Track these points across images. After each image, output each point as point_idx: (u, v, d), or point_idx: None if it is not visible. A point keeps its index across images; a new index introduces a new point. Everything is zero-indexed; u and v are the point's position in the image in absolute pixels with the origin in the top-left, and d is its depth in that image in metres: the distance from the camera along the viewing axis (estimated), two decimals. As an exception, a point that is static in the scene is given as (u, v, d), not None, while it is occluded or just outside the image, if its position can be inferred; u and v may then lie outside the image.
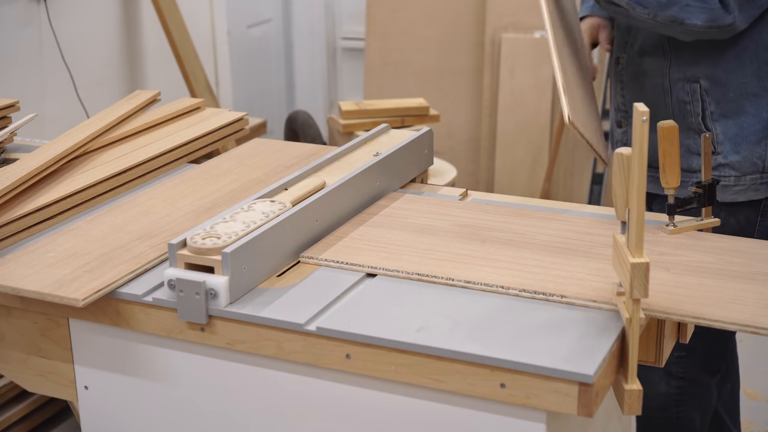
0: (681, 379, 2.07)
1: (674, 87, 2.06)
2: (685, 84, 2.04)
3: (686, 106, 2.05)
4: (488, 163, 4.39)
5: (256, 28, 5.12)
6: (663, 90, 2.08)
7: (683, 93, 2.05)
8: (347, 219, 1.82)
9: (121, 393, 1.64)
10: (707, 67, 2.02)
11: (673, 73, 2.06)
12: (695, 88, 2.03)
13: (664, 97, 2.08)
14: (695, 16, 1.89)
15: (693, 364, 2.07)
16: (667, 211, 1.78)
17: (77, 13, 3.64)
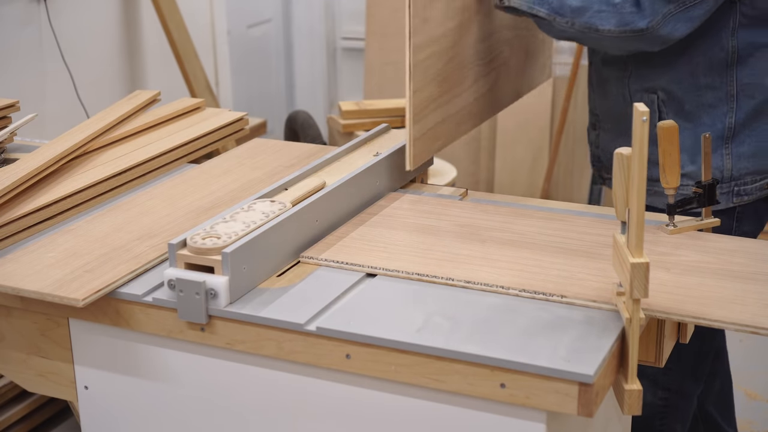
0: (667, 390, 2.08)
1: (634, 97, 2.07)
2: (644, 95, 2.05)
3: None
4: (488, 163, 4.40)
5: (256, 28, 5.12)
6: (624, 99, 2.09)
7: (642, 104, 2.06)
8: (347, 219, 1.82)
9: (121, 393, 1.64)
10: (663, 80, 2.03)
11: (632, 84, 2.08)
12: (653, 99, 2.04)
13: (625, 106, 2.09)
14: (607, 21, 1.88)
15: (680, 376, 2.07)
16: (667, 211, 1.78)
17: (77, 13, 3.64)
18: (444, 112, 2.00)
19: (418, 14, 1.84)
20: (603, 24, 1.89)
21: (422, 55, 1.87)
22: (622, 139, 2.12)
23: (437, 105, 1.96)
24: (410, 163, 1.88)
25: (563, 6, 1.92)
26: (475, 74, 2.12)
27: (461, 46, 2.03)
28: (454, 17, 1.98)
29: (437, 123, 1.98)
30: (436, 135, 1.99)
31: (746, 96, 1.98)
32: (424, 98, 1.90)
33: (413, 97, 1.86)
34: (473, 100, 2.13)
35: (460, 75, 2.05)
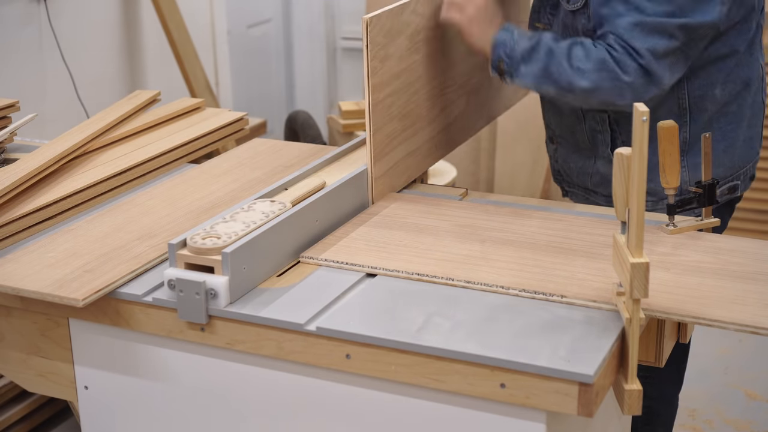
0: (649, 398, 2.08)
1: (587, 115, 2.06)
2: (596, 113, 2.04)
3: (597, 134, 2.05)
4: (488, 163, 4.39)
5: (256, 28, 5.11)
6: (577, 117, 2.08)
7: (594, 122, 2.05)
8: (347, 219, 1.82)
9: (121, 393, 1.64)
10: None
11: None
12: (604, 118, 2.03)
13: (578, 123, 2.08)
14: (622, 97, 1.85)
15: (659, 382, 2.07)
16: (667, 211, 1.78)
17: (77, 13, 3.64)
18: (409, 146, 1.99)
19: (377, 55, 1.82)
20: (619, 100, 1.87)
21: (382, 94, 1.85)
22: (579, 153, 2.12)
23: (401, 140, 1.95)
24: (371, 201, 1.87)
25: (572, 86, 1.87)
26: (442, 103, 2.09)
27: (427, 77, 2.02)
28: (419, 50, 1.97)
29: (402, 158, 1.96)
30: (402, 169, 1.97)
31: (699, 109, 1.97)
32: (386, 136, 1.89)
33: (373, 136, 1.84)
34: (441, 129, 2.11)
35: (426, 106, 2.03)
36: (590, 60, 1.85)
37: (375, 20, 1.79)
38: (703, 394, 3.13)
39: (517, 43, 1.91)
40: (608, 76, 1.84)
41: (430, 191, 2.01)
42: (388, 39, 1.84)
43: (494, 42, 1.93)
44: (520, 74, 1.91)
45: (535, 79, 1.91)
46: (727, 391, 3.15)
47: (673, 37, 1.82)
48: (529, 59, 1.90)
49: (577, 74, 1.86)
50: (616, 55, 1.83)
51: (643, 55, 1.82)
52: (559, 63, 1.87)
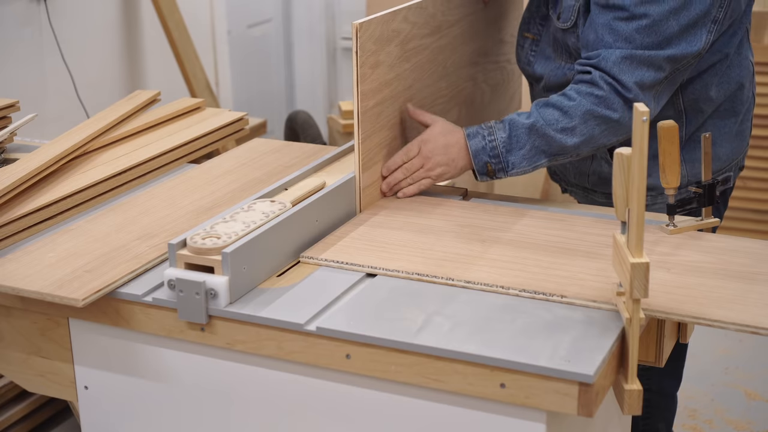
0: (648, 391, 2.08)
1: None
2: None
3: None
4: (488, 163, 4.39)
5: (256, 28, 5.11)
6: None
7: None
8: (347, 219, 1.82)
9: (121, 393, 1.64)
10: None
11: None
12: None
13: None
14: (613, 136, 1.85)
15: (659, 377, 2.07)
16: (667, 211, 1.78)
17: (77, 13, 3.64)
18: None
19: (366, 62, 1.80)
20: (610, 139, 1.86)
21: (371, 101, 1.83)
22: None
23: (391, 150, 1.92)
24: (359, 210, 1.85)
25: (563, 148, 1.85)
26: (435, 113, 2.05)
27: (418, 87, 1.99)
28: (409, 59, 1.94)
29: None
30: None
31: (695, 110, 1.96)
32: (375, 144, 1.87)
33: (362, 145, 1.82)
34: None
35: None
36: (573, 116, 1.83)
37: (365, 26, 1.77)
38: (703, 394, 3.13)
39: (492, 140, 1.87)
40: (596, 122, 1.83)
41: (430, 191, 2.01)
42: (378, 46, 1.82)
43: (472, 153, 1.88)
44: (510, 166, 1.87)
45: (528, 162, 1.86)
46: (727, 391, 3.15)
47: (660, 69, 1.81)
48: (513, 147, 1.86)
49: (565, 135, 1.84)
50: (601, 94, 1.81)
51: (630, 89, 1.80)
52: (544, 134, 1.84)
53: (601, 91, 1.82)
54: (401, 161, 1.89)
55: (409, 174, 1.90)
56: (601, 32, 1.83)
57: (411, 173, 1.90)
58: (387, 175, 1.91)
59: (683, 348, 2.14)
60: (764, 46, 3.83)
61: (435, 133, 1.89)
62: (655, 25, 1.78)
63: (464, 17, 2.14)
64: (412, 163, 1.89)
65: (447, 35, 2.08)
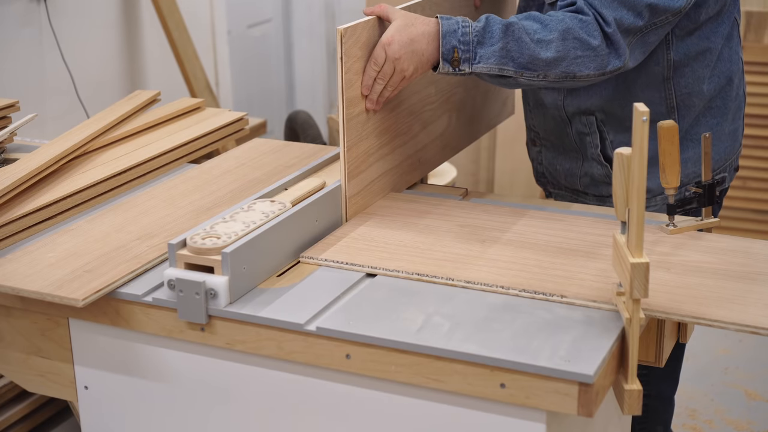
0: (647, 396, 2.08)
1: (572, 119, 2.02)
2: (582, 116, 2.01)
3: (585, 137, 2.02)
4: (488, 163, 4.39)
5: (256, 28, 5.11)
6: (562, 121, 2.05)
7: (581, 125, 2.02)
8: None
9: (121, 393, 1.64)
10: (600, 100, 1.99)
11: (568, 107, 2.03)
12: (592, 121, 2.00)
13: (564, 127, 2.05)
14: (586, 67, 1.79)
15: (656, 380, 2.07)
16: (667, 211, 1.78)
17: (77, 13, 3.64)
18: (387, 164, 1.91)
19: (352, 68, 1.75)
20: (582, 70, 1.79)
21: (357, 108, 1.78)
22: (566, 155, 2.09)
23: (378, 157, 1.87)
24: (345, 219, 1.81)
25: (534, 60, 1.78)
26: (423, 120, 2.02)
27: (406, 93, 1.93)
28: None
29: (379, 176, 1.89)
30: (378, 188, 1.90)
31: (686, 106, 1.96)
32: (362, 152, 1.82)
33: (347, 153, 1.77)
34: (422, 147, 2.03)
35: (405, 123, 1.95)
36: (553, 30, 1.77)
37: (350, 31, 1.72)
38: (703, 394, 3.13)
39: (466, 26, 1.78)
40: (574, 44, 1.78)
41: (430, 191, 2.01)
42: (364, 51, 1.77)
43: (442, 33, 1.77)
44: (477, 58, 1.77)
45: (496, 60, 1.77)
46: (727, 391, 3.15)
47: (640, 15, 1.80)
48: (486, 41, 1.77)
49: (539, 46, 1.77)
50: (586, 19, 1.78)
51: (610, 23, 1.78)
52: (519, 38, 1.77)
53: (587, 16, 1.79)
54: (374, 73, 1.78)
55: (386, 81, 1.80)
56: None
57: (387, 80, 1.80)
58: (367, 93, 1.81)
59: (681, 351, 2.14)
60: (764, 46, 3.83)
61: (395, 32, 1.77)
62: None
63: None
64: (384, 71, 1.78)
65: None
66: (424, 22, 1.79)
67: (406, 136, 1.96)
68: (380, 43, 1.78)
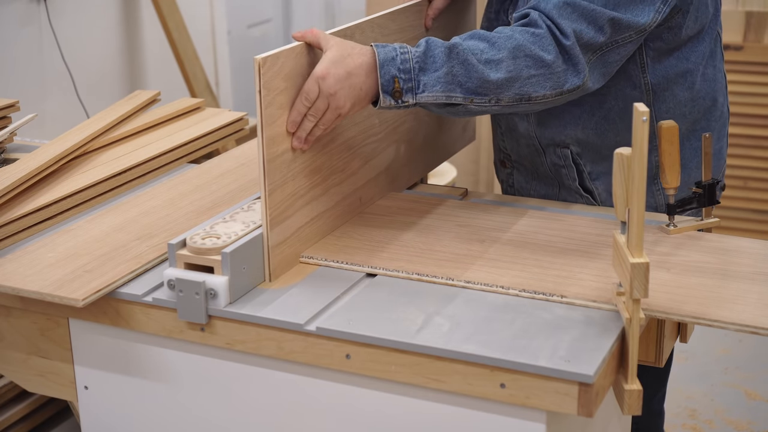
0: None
1: (546, 150, 1.91)
2: (556, 149, 1.90)
3: (561, 169, 1.92)
4: (488, 163, 4.39)
5: (256, 28, 5.11)
6: (536, 150, 1.94)
7: (555, 157, 1.91)
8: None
9: (121, 393, 1.64)
10: (575, 131, 1.88)
11: (541, 138, 1.92)
12: (567, 154, 1.89)
13: (539, 156, 1.94)
14: (541, 86, 1.64)
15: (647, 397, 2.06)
16: (667, 211, 1.78)
17: (77, 13, 3.64)
18: (319, 206, 1.70)
19: (274, 101, 1.54)
20: (537, 90, 1.65)
21: (282, 147, 1.58)
22: (540, 181, 1.99)
23: (308, 200, 1.66)
24: (269, 276, 1.60)
25: (484, 83, 1.62)
26: (365, 155, 1.82)
27: (343, 125, 1.73)
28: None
29: (310, 220, 1.68)
30: (310, 234, 1.69)
31: None
32: (288, 196, 1.60)
33: (269, 198, 1.56)
34: (364, 184, 1.83)
35: (342, 159, 1.75)
36: (502, 49, 1.62)
37: (270, 61, 1.52)
38: (703, 394, 3.13)
39: (405, 53, 1.61)
40: (526, 62, 1.63)
41: (430, 191, 2.01)
42: (289, 83, 1.57)
43: (379, 62, 1.60)
44: (421, 87, 1.61)
45: (443, 87, 1.61)
46: (727, 391, 3.15)
47: (601, 30, 1.66)
48: (428, 67, 1.61)
49: (488, 67, 1.61)
50: (538, 32, 1.64)
51: (568, 35, 1.64)
52: (465, 60, 1.61)
53: (540, 29, 1.65)
54: (305, 109, 1.59)
55: (318, 118, 1.60)
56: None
57: (319, 117, 1.60)
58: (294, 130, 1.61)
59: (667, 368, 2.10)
60: (764, 46, 3.83)
61: (331, 64, 1.58)
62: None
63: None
64: (317, 107, 1.59)
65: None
66: (361, 53, 1.61)
67: (344, 174, 1.76)
68: (313, 76, 1.58)
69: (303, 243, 1.67)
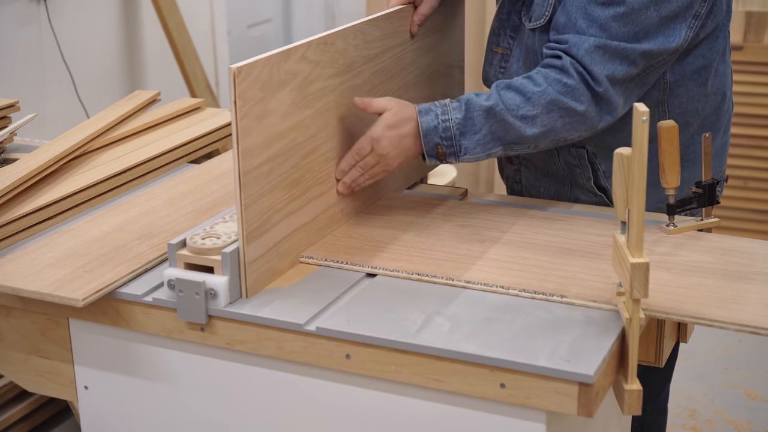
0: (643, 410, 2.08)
1: (561, 149, 1.92)
2: (572, 149, 1.90)
3: (575, 168, 1.93)
4: (488, 163, 4.39)
5: (256, 28, 5.11)
6: (550, 150, 1.93)
7: (570, 156, 1.92)
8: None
9: (121, 393, 1.64)
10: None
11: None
12: (582, 153, 1.90)
13: (551, 156, 1.95)
14: (575, 130, 1.74)
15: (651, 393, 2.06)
16: (667, 211, 1.77)
17: (77, 13, 3.64)
18: (299, 219, 1.66)
19: (250, 112, 1.50)
20: (572, 134, 1.74)
21: (258, 159, 1.53)
22: (550, 178, 1.98)
23: (286, 213, 1.62)
24: (246, 293, 1.55)
25: (521, 138, 1.73)
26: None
27: (325, 136, 1.71)
28: (310, 104, 1.65)
29: (289, 234, 1.63)
30: (289, 248, 1.64)
31: (681, 125, 1.85)
32: (265, 209, 1.56)
33: (245, 212, 1.51)
34: (346, 196, 1.80)
35: (323, 170, 1.72)
36: (537, 105, 1.71)
37: (246, 71, 1.48)
38: (703, 394, 3.13)
39: (446, 120, 1.72)
40: (560, 114, 1.72)
41: (430, 191, 2.01)
42: (266, 93, 1.53)
43: (422, 131, 1.72)
44: (463, 150, 1.73)
45: (482, 148, 1.73)
46: (727, 391, 3.15)
47: (634, 64, 1.71)
48: (468, 130, 1.72)
49: (525, 124, 1.72)
50: (570, 83, 1.71)
51: (600, 81, 1.70)
52: (502, 120, 1.71)
53: (572, 79, 1.71)
54: (354, 161, 1.75)
55: (366, 171, 1.75)
56: (575, 16, 1.74)
57: (368, 170, 1.75)
58: (341, 177, 1.76)
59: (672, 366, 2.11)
60: (764, 46, 3.83)
61: (386, 129, 1.72)
62: (633, 13, 1.69)
63: (385, 51, 1.86)
64: (367, 161, 1.74)
65: (363, 73, 1.79)
66: (410, 117, 1.74)
67: (325, 186, 1.73)
68: (368, 136, 1.72)
69: (281, 258, 1.62)
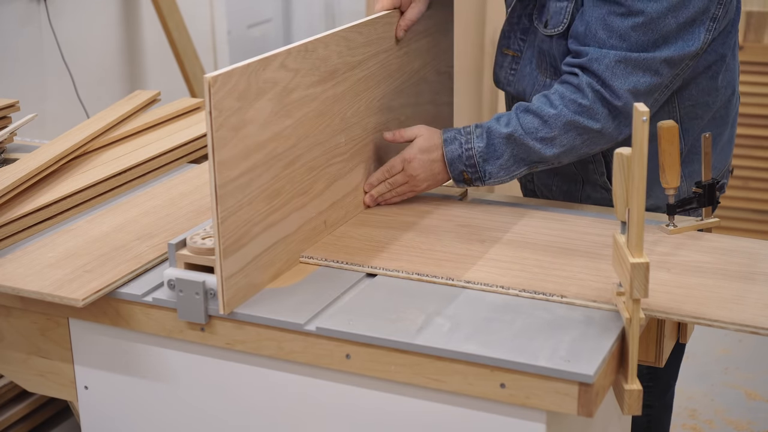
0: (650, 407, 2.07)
1: None
2: None
3: (588, 165, 1.95)
4: (488, 163, 4.40)
5: (256, 28, 5.11)
6: None
7: None
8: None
9: (121, 393, 1.64)
10: None
11: None
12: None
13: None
14: (595, 144, 1.80)
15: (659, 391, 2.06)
16: (667, 211, 1.78)
17: (77, 13, 3.64)
18: (280, 232, 1.61)
19: (226, 123, 1.45)
20: (593, 148, 1.81)
21: (236, 171, 1.48)
22: (562, 176, 2.01)
23: (266, 226, 1.57)
24: (224, 307, 1.49)
25: (542, 158, 1.80)
26: (330, 175, 1.74)
27: (306, 145, 1.66)
28: (291, 113, 1.60)
29: (269, 247, 1.58)
30: (268, 261, 1.59)
31: (691, 119, 1.89)
32: (243, 222, 1.51)
33: (221, 225, 1.46)
34: (329, 206, 1.75)
35: (305, 181, 1.67)
36: (554, 127, 1.77)
37: (222, 80, 1.43)
38: (703, 394, 3.13)
39: (469, 149, 1.81)
40: (578, 132, 1.77)
41: (430, 191, 2.01)
42: (243, 102, 1.48)
43: (447, 160, 1.83)
44: (488, 175, 1.82)
45: (506, 171, 1.82)
46: (727, 391, 3.15)
47: (657, 73, 1.74)
48: (491, 156, 1.81)
49: (544, 145, 1.78)
50: (585, 103, 1.75)
51: (620, 95, 1.74)
52: (523, 144, 1.79)
53: (586, 99, 1.75)
54: (384, 177, 1.87)
55: (394, 188, 1.87)
56: (594, 27, 1.76)
57: (395, 187, 1.87)
58: (369, 190, 1.87)
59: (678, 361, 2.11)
60: (764, 46, 3.83)
61: (419, 152, 1.84)
62: (652, 22, 1.72)
63: (370, 57, 1.83)
64: (396, 179, 1.86)
65: (346, 80, 1.76)
66: (439, 145, 1.84)
67: (306, 197, 1.68)
68: (401, 156, 1.85)
69: (261, 272, 1.57)
